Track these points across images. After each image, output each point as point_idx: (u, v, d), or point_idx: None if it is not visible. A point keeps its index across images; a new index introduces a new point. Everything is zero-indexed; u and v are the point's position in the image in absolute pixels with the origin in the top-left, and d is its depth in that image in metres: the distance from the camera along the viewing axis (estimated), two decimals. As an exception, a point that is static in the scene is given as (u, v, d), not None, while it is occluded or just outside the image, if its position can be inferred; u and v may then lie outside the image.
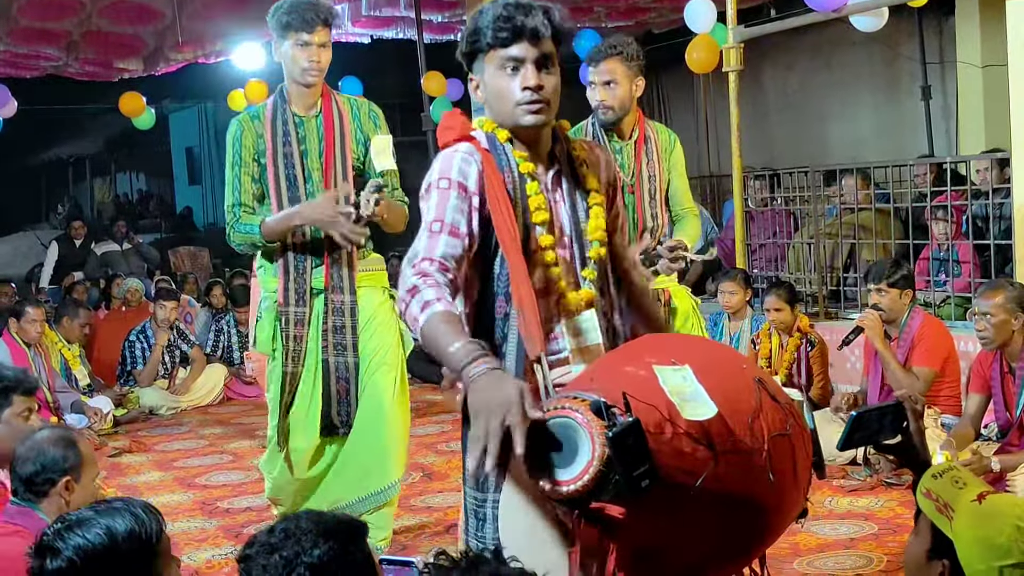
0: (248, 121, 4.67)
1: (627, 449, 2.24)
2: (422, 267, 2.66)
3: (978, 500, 2.55)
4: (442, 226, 2.72)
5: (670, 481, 2.31)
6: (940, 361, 6.22)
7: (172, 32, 11.32)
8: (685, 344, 2.90)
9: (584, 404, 2.31)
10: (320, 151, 4.66)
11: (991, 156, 7.99)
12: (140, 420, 9.25)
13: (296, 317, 4.66)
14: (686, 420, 2.36)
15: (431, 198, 2.77)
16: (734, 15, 8.00)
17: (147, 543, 2.57)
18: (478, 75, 2.85)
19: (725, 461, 2.39)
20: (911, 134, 12.38)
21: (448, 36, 13.51)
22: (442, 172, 2.78)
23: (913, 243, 7.65)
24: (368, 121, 4.76)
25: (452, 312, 2.58)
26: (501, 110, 2.82)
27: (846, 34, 10.67)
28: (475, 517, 2.80)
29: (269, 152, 4.63)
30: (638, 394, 2.35)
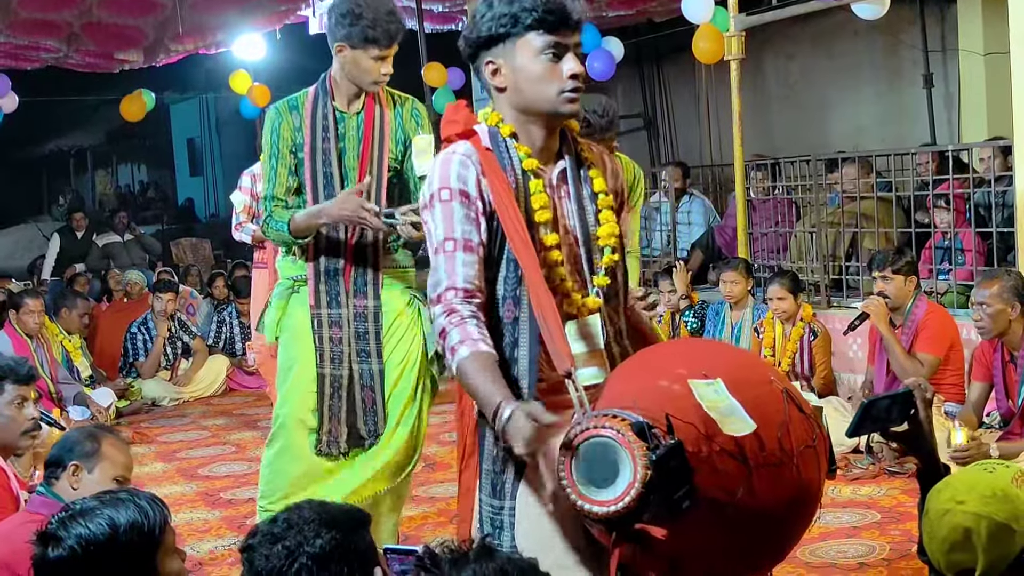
0: (287, 112, 4.48)
1: (669, 471, 2.24)
2: (448, 301, 2.65)
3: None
4: (455, 244, 2.68)
5: (706, 497, 2.32)
6: (944, 348, 6.23)
7: (172, 23, 11.31)
8: (713, 353, 2.85)
9: (626, 424, 2.29)
10: (358, 151, 4.49)
11: (993, 144, 7.97)
12: (143, 412, 9.27)
13: (331, 319, 4.46)
14: (723, 437, 2.36)
15: (436, 212, 2.71)
16: (735, 3, 7.98)
17: (149, 535, 2.57)
18: (502, 59, 2.74)
19: (758, 475, 2.41)
20: (913, 122, 12.35)
21: (449, 26, 13.49)
22: (442, 181, 2.72)
23: (916, 231, 7.63)
24: (410, 120, 4.56)
25: (479, 353, 2.58)
26: (537, 96, 2.73)
27: (848, 22, 10.65)
28: (491, 525, 2.75)
29: (307, 146, 4.45)
30: (674, 410, 2.36)
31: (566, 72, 2.70)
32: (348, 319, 4.48)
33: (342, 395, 4.45)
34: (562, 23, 2.70)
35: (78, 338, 9.44)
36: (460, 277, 2.65)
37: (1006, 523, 2.51)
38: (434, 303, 2.66)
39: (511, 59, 2.73)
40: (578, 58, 2.73)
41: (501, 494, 2.71)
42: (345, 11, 4.33)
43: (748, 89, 8.97)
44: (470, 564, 1.99)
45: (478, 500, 2.78)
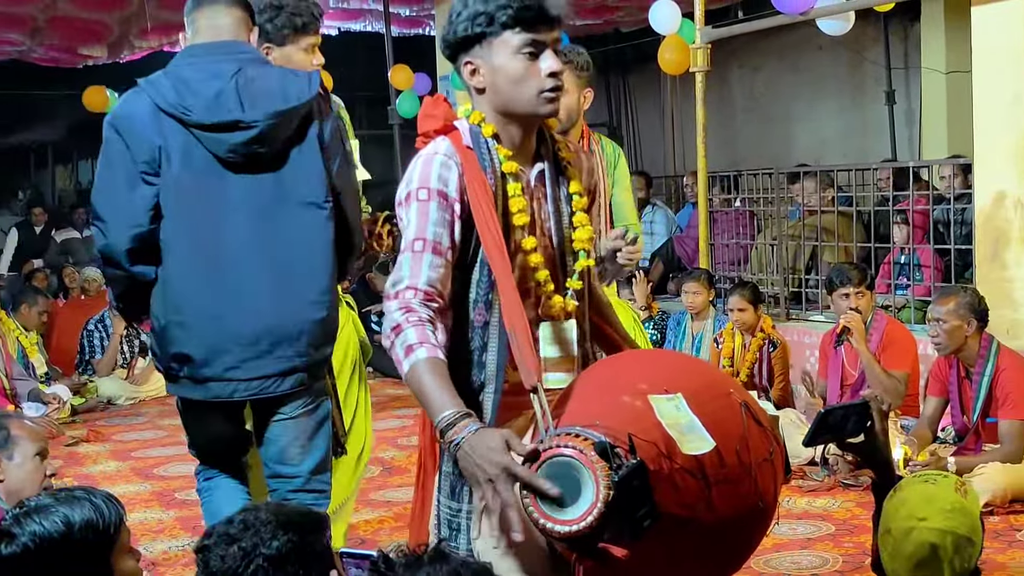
0: None
1: (631, 491, 2.24)
2: (406, 299, 2.57)
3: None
4: (424, 244, 2.61)
5: (667, 513, 2.31)
6: (911, 362, 6.30)
7: (138, 19, 11.24)
8: (674, 366, 2.81)
9: (588, 443, 2.28)
10: None
11: (953, 162, 8.06)
12: (98, 410, 9.18)
13: None
14: (683, 455, 2.36)
15: (411, 210, 2.64)
16: (702, 16, 8.02)
17: (104, 534, 2.55)
18: (480, 59, 2.67)
19: (717, 491, 2.41)
20: (875, 138, 12.45)
21: (416, 30, 13.50)
22: (421, 181, 2.65)
23: (875, 247, 7.70)
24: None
25: (436, 359, 2.50)
26: (515, 97, 2.67)
27: (813, 37, 10.73)
28: (448, 527, 2.71)
29: None
30: (636, 428, 2.35)
31: (544, 70, 2.65)
32: None
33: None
34: (540, 20, 2.64)
35: (35, 334, 9.35)
36: (423, 278, 2.59)
37: (968, 536, 2.56)
38: (390, 298, 2.59)
39: (489, 59, 2.67)
40: (557, 55, 2.68)
41: (459, 497, 2.68)
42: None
43: (713, 101, 9.01)
44: (424, 568, 1.98)
45: (436, 501, 2.74)
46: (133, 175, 3.46)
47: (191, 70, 3.50)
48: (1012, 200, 6.20)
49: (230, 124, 3.43)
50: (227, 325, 3.48)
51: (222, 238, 3.49)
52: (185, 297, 3.51)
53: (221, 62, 3.50)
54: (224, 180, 3.48)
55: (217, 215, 3.48)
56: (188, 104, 3.43)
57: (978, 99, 6.42)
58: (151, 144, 3.45)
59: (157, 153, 3.45)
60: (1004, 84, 6.21)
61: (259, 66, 3.59)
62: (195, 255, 3.50)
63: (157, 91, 3.47)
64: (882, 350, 6.26)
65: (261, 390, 3.52)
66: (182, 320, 3.51)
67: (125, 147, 3.47)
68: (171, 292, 3.52)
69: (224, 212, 3.49)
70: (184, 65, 3.54)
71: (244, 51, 3.57)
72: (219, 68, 3.49)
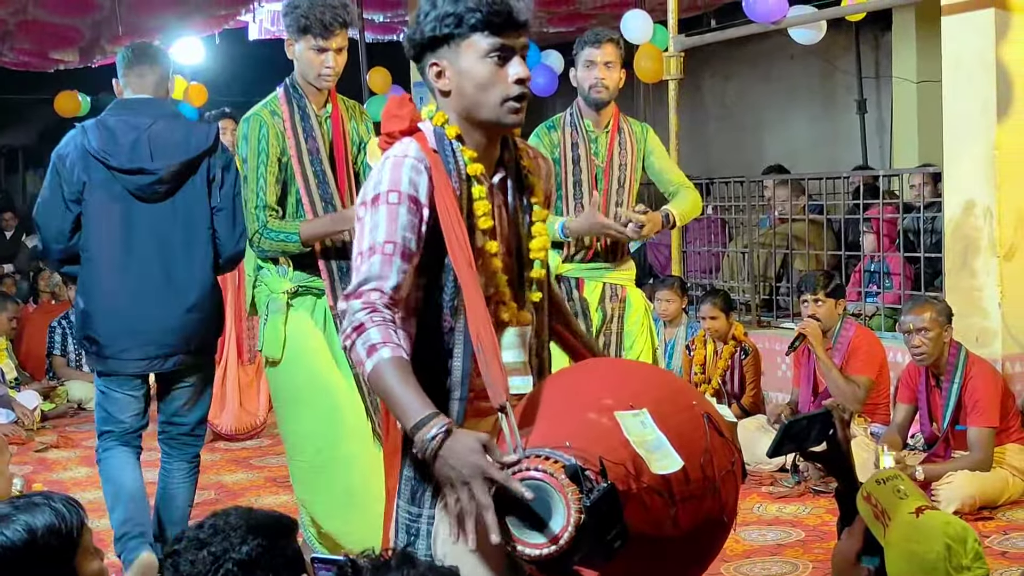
0: (270, 117, 4.40)
1: (602, 515, 2.24)
2: (371, 299, 2.51)
3: (916, 513, 2.59)
4: (395, 248, 2.55)
5: (635, 533, 2.31)
6: (876, 369, 6.35)
7: (110, 24, 11.19)
8: (636, 379, 2.77)
9: (559, 467, 2.27)
10: (330, 151, 4.49)
11: (923, 170, 8.11)
12: (68, 415, 9.13)
13: None
14: (651, 474, 2.35)
15: (379, 212, 2.57)
16: (675, 25, 8.05)
17: (68, 537, 2.54)
18: (446, 61, 2.62)
19: (683, 508, 2.41)
20: (846, 147, 12.53)
21: (390, 36, 13.47)
22: (392, 183, 2.58)
23: (845, 255, 7.74)
24: (361, 124, 4.63)
25: (401, 359, 2.46)
26: (480, 102, 2.63)
27: (785, 46, 10.78)
28: (406, 532, 2.66)
29: (293, 150, 4.40)
30: (603, 446, 2.33)
31: (512, 76, 2.60)
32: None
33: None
34: (509, 24, 2.59)
35: (4, 340, 9.29)
36: (390, 282, 2.54)
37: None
38: (351, 297, 2.53)
39: (455, 61, 2.62)
40: (524, 62, 2.64)
41: (420, 502, 2.64)
42: (287, 4, 4.42)
43: (686, 109, 9.04)
44: (391, 572, 1.99)
45: (396, 506, 2.71)
46: (62, 202, 4.51)
47: (115, 121, 4.55)
48: (981, 209, 6.25)
49: (138, 170, 4.49)
50: (123, 319, 4.52)
51: (126, 251, 4.53)
52: (95, 294, 4.56)
53: (140, 116, 4.55)
54: (132, 207, 4.52)
55: (124, 234, 4.52)
56: (109, 151, 4.48)
57: (947, 108, 6.48)
58: (78, 179, 4.49)
59: (81, 186, 4.49)
60: (973, 93, 6.26)
61: (170, 121, 4.64)
62: (105, 263, 4.53)
63: (87, 138, 4.50)
64: (847, 357, 6.32)
65: (147, 368, 4.60)
66: (91, 311, 4.57)
67: (60, 180, 4.52)
68: (86, 288, 4.59)
69: (130, 232, 4.53)
70: (111, 116, 4.57)
71: (160, 108, 4.63)
72: (137, 122, 4.54)
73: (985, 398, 5.57)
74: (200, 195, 4.59)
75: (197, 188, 4.58)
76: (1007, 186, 6.19)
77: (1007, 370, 6.13)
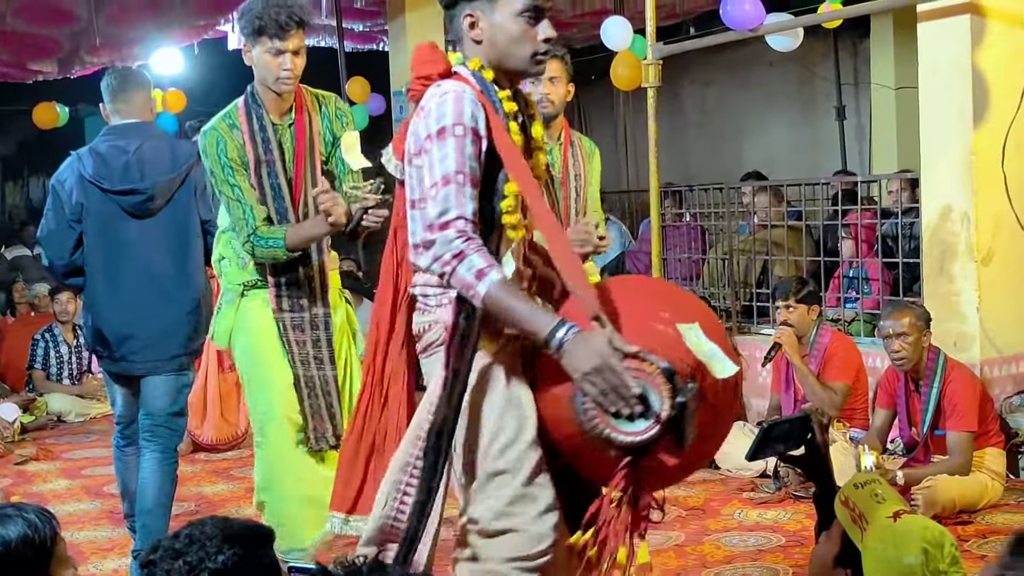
0: (228, 131, 4.42)
1: (686, 411, 2.62)
2: (460, 227, 2.72)
3: (893, 518, 2.61)
4: (464, 178, 2.77)
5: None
6: (852, 375, 6.35)
7: (88, 35, 11.17)
8: (678, 296, 3.13)
9: (655, 369, 2.62)
10: (293, 160, 4.48)
11: (901, 176, 8.14)
12: (48, 427, 9.10)
13: (294, 323, 4.50)
14: (712, 378, 2.69)
15: (447, 145, 2.77)
16: (653, 32, 8.06)
17: (41, 547, 2.55)
18: (480, 12, 2.89)
19: (721, 409, 2.81)
20: (826, 153, 12.58)
21: (370, 45, 13.49)
22: (456, 116, 2.79)
23: (824, 260, 7.76)
24: (336, 120, 4.59)
25: (506, 279, 2.72)
26: (510, 54, 2.90)
27: (763, 53, 10.83)
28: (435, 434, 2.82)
29: (252, 161, 4.41)
30: (674, 353, 2.67)
31: (541, 35, 2.89)
32: (308, 324, 4.55)
33: (318, 394, 4.53)
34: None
35: (-17, 352, 9.27)
36: (469, 209, 2.75)
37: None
38: (440, 228, 2.72)
39: (490, 15, 2.89)
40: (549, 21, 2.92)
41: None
42: (243, 9, 4.42)
43: (665, 116, 9.07)
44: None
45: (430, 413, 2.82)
46: (64, 223, 4.92)
47: (106, 147, 4.93)
48: (958, 214, 6.27)
49: (130, 190, 4.86)
50: (126, 326, 4.90)
51: (125, 265, 4.90)
52: (101, 304, 4.96)
53: (129, 140, 4.92)
54: (127, 223, 4.89)
55: (121, 249, 4.90)
56: (102, 175, 4.86)
57: (924, 114, 6.50)
58: (76, 202, 4.89)
59: (80, 208, 4.88)
60: (950, 99, 6.28)
61: (156, 141, 5.00)
62: (107, 276, 4.92)
63: (83, 164, 4.89)
64: (823, 363, 6.33)
65: (153, 368, 4.93)
66: (99, 319, 4.97)
67: (60, 204, 4.93)
68: (91, 300, 5.02)
69: (127, 247, 4.90)
70: (103, 143, 4.97)
71: (146, 131, 4.99)
72: (126, 146, 4.90)
73: (964, 402, 5.59)
74: (188, 206, 4.95)
75: (185, 200, 4.94)
76: (984, 191, 6.22)
77: (985, 374, 6.15)
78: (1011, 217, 6.25)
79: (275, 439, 4.57)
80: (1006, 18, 6.25)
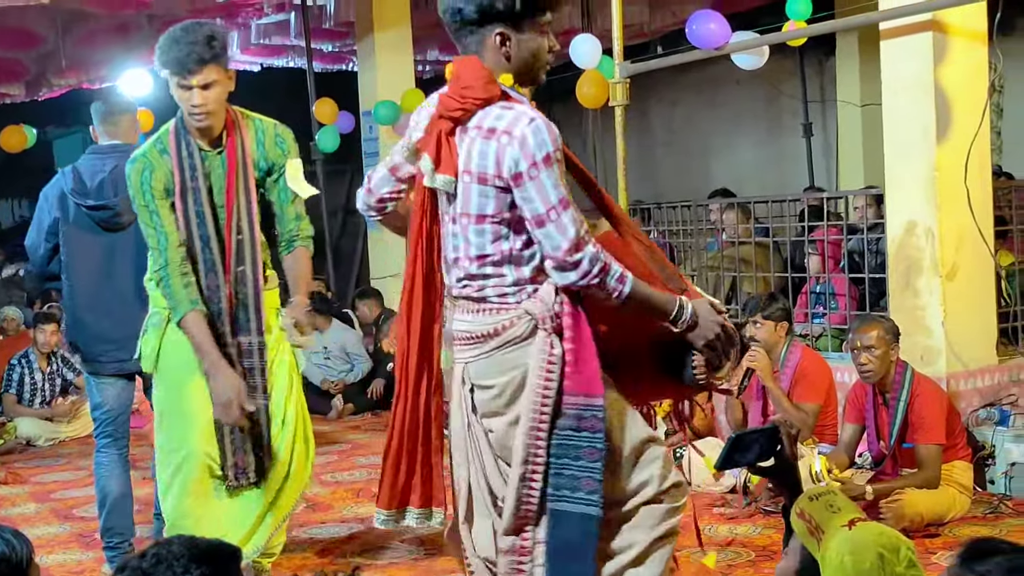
0: (158, 157, 4.43)
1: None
2: (592, 243, 3.02)
3: (848, 526, 2.63)
4: (569, 202, 3.01)
5: None
6: (823, 394, 6.34)
7: (55, 57, 11.15)
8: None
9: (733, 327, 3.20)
10: (223, 186, 4.45)
11: (866, 192, 8.20)
12: (17, 451, 9.04)
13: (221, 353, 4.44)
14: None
15: (555, 171, 2.98)
16: (621, 51, 8.12)
17: (17, 568, 2.54)
18: (512, 31, 3.06)
19: None
20: (793, 170, 12.67)
21: (339, 66, 13.51)
22: (554, 143, 2.98)
23: (792, 276, 7.81)
24: (274, 147, 4.54)
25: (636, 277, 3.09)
26: (532, 67, 3.13)
27: (730, 72, 10.89)
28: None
29: (178, 188, 4.40)
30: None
31: (551, 47, 3.15)
32: (234, 358, 4.48)
33: (243, 428, 4.47)
34: (560, 3, 3.16)
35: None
36: (584, 228, 3.01)
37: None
38: (581, 247, 2.99)
39: (521, 32, 3.07)
40: None
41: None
42: (159, 41, 4.38)
43: (633, 135, 9.11)
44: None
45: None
46: (42, 235, 5.29)
47: (86, 166, 5.23)
48: (923, 229, 6.33)
49: (102, 206, 5.14)
50: (97, 329, 5.18)
51: (97, 273, 5.20)
52: (76, 308, 5.28)
53: (106, 159, 5.20)
54: (100, 237, 5.18)
55: (94, 259, 5.21)
56: (80, 191, 5.17)
57: (888, 131, 6.56)
58: (52, 216, 5.24)
59: (54, 221, 5.23)
60: (913, 116, 6.34)
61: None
62: (81, 285, 5.23)
63: (66, 180, 5.21)
64: (795, 381, 6.32)
65: (120, 368, 5.18)
66: (74, 322, 5.32)
67: (41, 217, 5.30)
68: (67, 305, 5.39)
69: (98, 257, 5.21)
70: (84, 161, 5.27)
71: (124, 150, 5.00)
72: (104, 164, 5.18)
73: (931, 416, 5.63)
74: None
75: None
76: (947, 206, 6.27)
77: (951, 388, 6.20)
78: (974, 232, 6.31)
79: (185, 476, 4.55)
80: (967, 35, 6.32)
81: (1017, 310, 6.89)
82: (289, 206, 4.56)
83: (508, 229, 3.05)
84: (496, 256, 3.07)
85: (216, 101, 4.36)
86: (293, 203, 4.55)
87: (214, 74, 4.31)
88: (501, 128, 2.99)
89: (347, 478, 7.49)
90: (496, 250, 3.06)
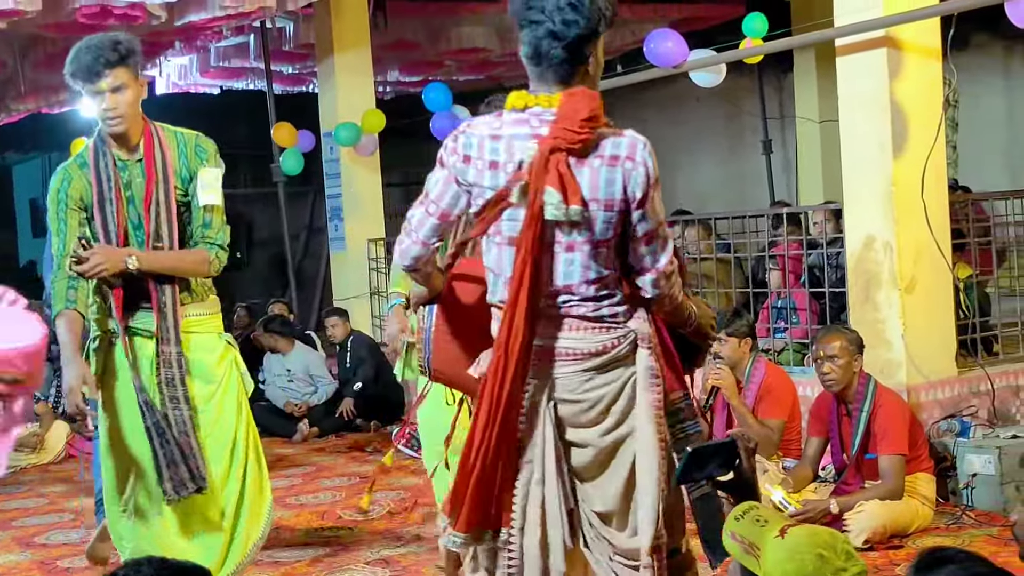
0: (78, 170, 4.46)
1: None
2: None
3: (780, 535, 2.65)
4: None
5: None
6: (788, 410, 6.35)
7: (14, 82, 11.09)
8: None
9: None
10: (143, 195, 4.46)
11: (824, 207, 8.27)
12: (-20, 480, 8.96)
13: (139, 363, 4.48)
14: None
15: (659, 193, 3.26)
16: (580, 70, 8.16)
17: None
18: (594, 48, 3.18)
19: None
20: (754, 187, 12.75)
21: (299, 88, 13.50)
22: (656, 170, 3.25)
23: (753, 292, 7.85)
24: (195, 157, 4.53)
25: None
26: (597, 80, 3.27)
27: (690, 90, 10.96)
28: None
29: (95, 198, 4.43)
30: None
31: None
32: (153, 366, 4.48)
33: (169, 439, 4.44)
34: None
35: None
36: None
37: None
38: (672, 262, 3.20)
39: (597, 48, 3.19)
40: None
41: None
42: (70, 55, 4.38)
43: (594, 153, 9.12)
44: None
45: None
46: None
47: None
48: (881, 243, 6.38)
49: None
50: None
51: None
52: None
53: None
54: None
55: None
56: None
57: (845, 146, 6.62)
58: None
59: None
60: (870, 131, 6.40)
61: None
62: None
63: None
64: (759, 398, 6.31)
65: None
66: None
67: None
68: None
69: None
70: None
71: None
72: None
73: (894, 427, 5.66)
74: None
75: None
76: (905, 220, 6.33)
77: (912, 400, 6.24)
78: (932, 245, 6.37)
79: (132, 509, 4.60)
80: (921, 51, 6.40)
81: (976, 322, 6.95)
82: (199, 212, 4.53)
83: (619, 250, 3.17)
84: (610, 278, 3.16)
85: (128, 104, 4.38)
86: (204, 210, 4.52)
87: (123, 76, 4.33)
88: (624, 155, 3.15)
89: (311, 500, 7.46)
90: (610, 271, 3.17)
